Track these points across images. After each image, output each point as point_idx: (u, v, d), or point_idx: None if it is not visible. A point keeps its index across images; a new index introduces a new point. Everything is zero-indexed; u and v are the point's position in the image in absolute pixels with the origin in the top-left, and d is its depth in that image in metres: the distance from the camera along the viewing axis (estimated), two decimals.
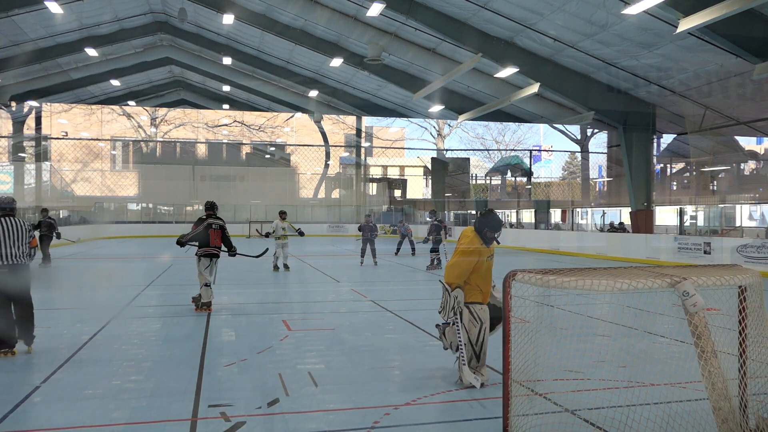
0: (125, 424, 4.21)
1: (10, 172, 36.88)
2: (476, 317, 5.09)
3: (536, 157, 49.97)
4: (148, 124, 48.93)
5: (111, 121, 47.36)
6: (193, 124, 49.17)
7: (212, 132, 50.14)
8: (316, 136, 45.17)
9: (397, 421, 4.32)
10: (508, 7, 18.10)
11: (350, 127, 45.14)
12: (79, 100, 37.61)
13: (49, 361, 5.93)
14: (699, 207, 29.14)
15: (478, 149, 55.52)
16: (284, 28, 24.77)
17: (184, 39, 29.06)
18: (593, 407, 4.38)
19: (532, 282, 3.57)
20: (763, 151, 39.51)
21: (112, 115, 46.82)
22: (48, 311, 7.82)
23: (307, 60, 28.82)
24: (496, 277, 7.73)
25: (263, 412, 4.49)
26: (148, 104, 42.35)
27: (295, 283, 13.52)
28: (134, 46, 29.77)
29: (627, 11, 15.19)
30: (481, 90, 26.22)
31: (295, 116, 46.05)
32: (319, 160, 45.06)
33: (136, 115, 47.60)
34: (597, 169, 42.61)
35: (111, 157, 45.79)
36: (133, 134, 48.33)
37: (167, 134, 49.30)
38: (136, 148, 46.39)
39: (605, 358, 5.26)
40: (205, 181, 41.38)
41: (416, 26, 20.67)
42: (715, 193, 32.32)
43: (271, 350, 6.43)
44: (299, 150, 46.50)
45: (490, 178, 48.46)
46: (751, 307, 3.67)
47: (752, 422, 3.60)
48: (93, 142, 44.58)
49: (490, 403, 4.66)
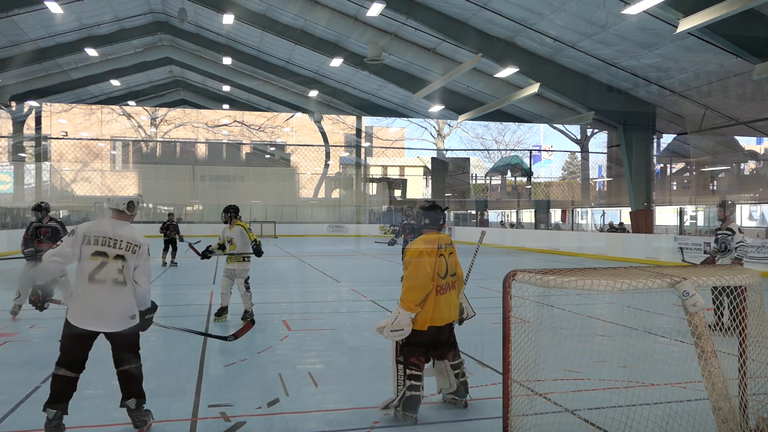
0: (125, 424, 4.21)
1: (10, 172, 36.90)
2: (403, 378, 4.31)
3: (536, 157, 49.97)
4: (148, 124, 48.92)
5: (111, 121, 47.34)
6: (193, 124, 49.17)
7: (212, 132, 50.13)
8: (316, 136, 45.17)
9: (397, 421, 4.32)
10: (508, 7, 18.10)
11: (350, 127, 45.14)
12: (79, 100, 37.60)
13: (49, 361, 5.92)
14: (699, 207, 29.14)
15: (478, 149, 55.55)
16: (284, 28, 24.77)
17: (184, 39, 29.06)
18: (593, 407, 4.37)
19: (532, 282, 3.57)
20: (763, 151, 39.50)
21: (112, 115, 46.81)
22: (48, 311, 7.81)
23: (307, 60, 28.81)
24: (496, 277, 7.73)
25: (263, 412, 4.49)
26: (148, 104, 42.35)
27: (295, 283, 13.52)
28: (134, 46, 29.77)
29: (627, 11, 15.18)
30: (481, 90, 26.22)
31: (295, 116, 46.05)
32: (319, 160, 45.06)
33: (136, 115, 47.59)
34: (597, 169, 42.62)
35: (111, 157, 45.78)
36: (133, 134, 48.32)
37: (167, 134, 49.29)
38: (136, 148, 46.39)
39: (605, 358, 5.26)
40: (205, 181, 41.39)
41: (416, 26, 20.66)
42: (715, 193, 32.32)
43: (271, 350, 6.42)
44: (299, 150, 46.50)
45: (490, 178, 48.46)
46: (751, 307, 3.68)
47: (752, 422, 3.60)
48: (93, 142, 44.58)
49: (490, 403, 4.66)
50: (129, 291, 3.94)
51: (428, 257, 4.32)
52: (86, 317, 3.84)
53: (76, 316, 3.85)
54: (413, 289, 4.21)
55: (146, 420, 4.06)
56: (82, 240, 3.91)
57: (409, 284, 4.23)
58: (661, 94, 22.92)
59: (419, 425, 4.25)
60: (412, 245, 4.47)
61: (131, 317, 3.96)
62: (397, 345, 4.32)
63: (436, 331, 4.34)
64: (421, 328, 4.26)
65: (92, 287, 3.86)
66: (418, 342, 4.30)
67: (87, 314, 3.84)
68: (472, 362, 6.03)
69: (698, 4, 14.34)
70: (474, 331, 7.68)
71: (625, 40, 18.70)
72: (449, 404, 4.65)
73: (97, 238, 3.92)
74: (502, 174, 46.26)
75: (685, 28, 14.82)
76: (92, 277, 3.86)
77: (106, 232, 3.95)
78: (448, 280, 4.39)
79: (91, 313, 3.84)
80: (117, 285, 3.89)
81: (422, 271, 4.24)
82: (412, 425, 4.24)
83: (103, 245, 3.90)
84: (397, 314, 4.20)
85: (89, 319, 3.84)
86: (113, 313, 3.88)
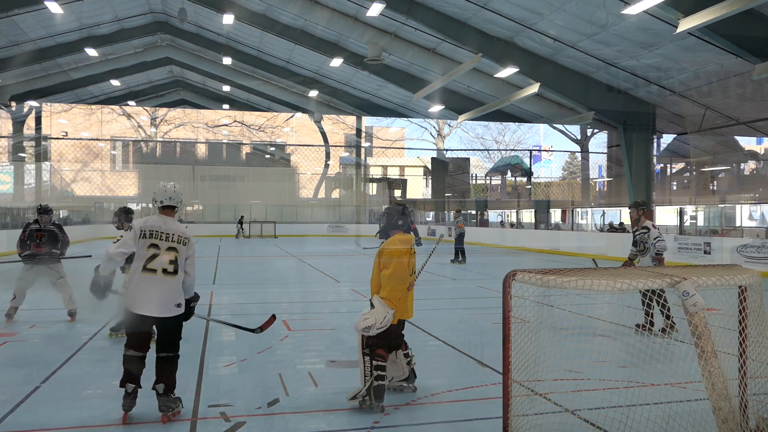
0: (126, 424, 4.21)
1: (10, 172, 36.90)
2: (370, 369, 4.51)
3: (536, 157, 49.96)
4: (148, 124, 48.92)
5: (111, 121, 47.34)
6: (193, 124, 49.17)
7: (212, 132, 50.14)
8: (316, 136, 45.17)
9: (397, 421, 4.32)
10: (508, 7, 18.10)
11: (350, 127, 45.14)
12: (79, 100, 37.61)
13: (49, 361, 5.93)
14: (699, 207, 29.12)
15: (478, 149, 55.57)
16: (284, 28, 24.77)
17: (184, 39, 29.06)
18: (593, 407, 4.37)
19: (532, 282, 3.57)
20: (763, 151, 39.51)
21: (112, 115, 46.81)
22: (48, 311, 7.81)
23: (307, 60, 28.82)
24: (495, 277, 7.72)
25: (263, 412, 4.49)
26: (148, 104, 42.36)
27: (295, 283, 13.52)
28: (134, 46, 29.77)
29: (627, 11, 15.19)
30: (481, 90, 26.23)
31: (295, 116, 46.05)
32: (319, 160, 45.06)
33: (136, 115, 47.59)
34: (597, 169, 42.61)
35: (111, 157, 45.78)
36: (133, 134, 48.32)
37: (167, 134, 49.29)
38: (136, 148, 46.39)
39: (605, 358, 5.26)
40: (205, 181, 41.38)
41: (416, 26, 20.67)
42: (715, 193, 32.33)
43: (271, 350, 6.42)
44: (299, 150, 46.51)
45: (490, 178, 48.47)
46: (751, 307, 3.67)
47: (752, 422, 3.60)
48: (93, 142, 44.58)
49: (490, 403, 4.66)
50: (177, 281, 4.34)
51: (405, 256, 4.67)
52: (139, 303, 4.24)
53: (132, 302, 4.26)
54: (397, 286, 4.54)
55: (171, 407, 4.32)
56: (139, 234, 4.31)
57: (394, 284, 4.53)
58: (661, 94, 22.92)
59: (419, 425, 4.25)
60: (389, 245, 4.74)
61: (177, 305, 4.33)
62: (363, 338, 4.55)
63: (400, 324, 4.74)
64: (393, 322, 4.60)
65: (144, 276, 4.26)
66: (387, 335, 4.57)
67: (140, 300, 4.24)
68: (472, 362, 6.04)
69: (698, 4, 14.34)
70: (474, 331, 7.69)
71: (625, 40, 18.71)
72: (450, 404, 4.66)
73: (151, 232, 4.33)
74: (502, 174, 46.27)
75: (685, 28, 14.82)
76: (145, 267, 4.27)
77: (159, 226, 4.37)
78: (413, 278, 4.81)
79: (144, 300, 4.23)
80: (167, 275, 4.28)
81: (403, 269, 4.60)
82: (412, 425, 4.24)
83: (156, 238, 4.31)
84: (385, 313, 4.48)
85: (142, 304, 4.24)
86: (162, 300, 4.26)
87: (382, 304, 4.50)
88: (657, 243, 7.50)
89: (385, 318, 4.47)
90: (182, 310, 4.38)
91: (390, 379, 4.92)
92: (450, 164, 45.21)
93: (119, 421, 4.27)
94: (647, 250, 7.63)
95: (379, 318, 4.46)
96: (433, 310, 9.72)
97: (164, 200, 4.46)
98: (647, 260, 7.69)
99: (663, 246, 7.53)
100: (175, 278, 4.31)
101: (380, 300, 4.52)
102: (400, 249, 4.70)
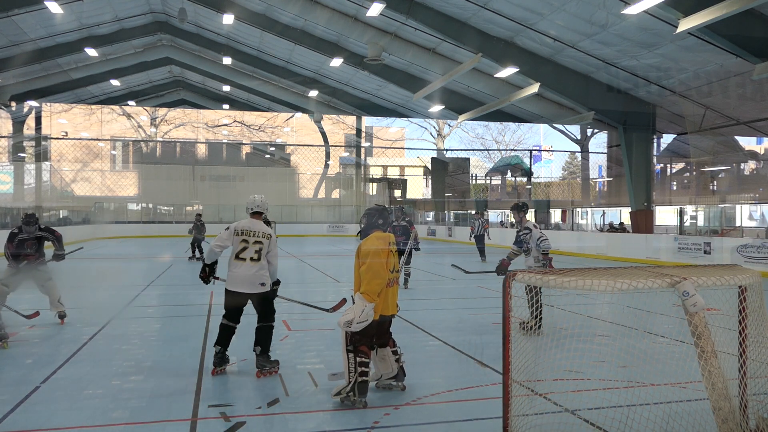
0: (125, 424, 4.22)
1: (10, 172, 36.87)
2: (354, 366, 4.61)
3: (536, 157, 49.94)
4: (148, 124, 48.90)
5: (111, 121, 47.32)
6: (193, 124, 49.15)
7: (212, 132, 50.12)
8: (316, 136, 45.16)
9: (397, 421, 4.32)
10: (508, 7, 18.09)
11: (350, 127, 45.13)
12: (79, 100, 37.57)
13: (49, 361, 5.93)
14: (699, 207, 29.13)
15: (478, 149, 55.55)
16: (284, 28, 24.75)
17: (184, 39, 29.05)
18: (593, 407, 4.37)
19: (532, 282, 3.57)
20: (763, 151, 39.49)
21: (112, 115, 46.80)
22: (48, 311, 7.82)
23: (307, 60, 28.81)
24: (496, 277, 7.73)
25: (263, 412, 4.49)
26: (148, 104, 42.33)
27: (295, 283, 13.51)
28: (134, 46, 29.76)
29: (627, 11, 15.18)
30: (481, 90, 26.21)
31: (295, 116, 46.03)
32: (319, 160, 45.05)
33: (136, 115, 47.56)
34: (597, 169, 42.61)
35: (111, 157, 45.77)
36: (133, 134, 48.30)
37: (167, 134, 49.28)
38: (136, 148, 46.37)
39: (605, 358, 5.26)
40: (205, 181, 41.36)
41: (416, 26, 20.66)
42: (715, 193, 32.32)
43: (271, 350, 6.41)
44: (299, 150, 46.50)
45: (490, 178, 48.46)
46: (751, 307, 3.67)
47: (752, 422, 3.60)
48: (93, 142, 44.57)
49: (490, 403, 4.65)
50: (260, 266, 5.53)
51: (383, 253, 4.79)
52: (234, 282, 5.49)
53: (230, 282, 5.51)
54: (374, 281, 4.61)
55: (266, 366, 5.44)
56: (234, 233, 5.55)
57: (370, 277, 4.62)
58: (661, 94, 22.91)
59: (419, 425, 4.25)
60: (367, 243, 4.85)
61: (261, 284, 5.52)
62: (346, 335, 4.63)
63: (383, 320, 4.79)
64: (375, 317, 4.65)
65: (237, 262, 5.50)
66: (368, 331, 4.64)
67: (234, 280, 5.49)
68: (471, 362, 6.03)
69: (698, 4, 14.33)
70: (474, 331, 7.69)
71: (625, 40, 18.70)
72: (449, 404, 4.65)
73: (243, 230, 5.58)
74: (502, 174, 46.25)
75: (685, 28, 14.82)
76: (237, 256, 5.50)
77: (249, 227, 5.61)
78: (394, 275, 4.88)
79: (237, 280, 5.48)
80: (252, 261, 5.50)
81: (381, 265, 4.70)
82: (412, 425, 4.24)
83: (246, 236, 5.56)
84: (363, 307, 4.55)
85: (235, 283, 5.49)
86: (249, 280, 5.47)
87: (361, 298, 4.60)
88: (541, 243, 7.65)
89: (364, 311, 4.53)
90: (267, 288, 5.54)
91: (379, 378, 4.97)
92: (450, 164, 45.20)
93: (119, 421, 4.27)
94: (530, 250, 7.79)
95: (357, 312, 4.53)
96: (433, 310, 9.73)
97: (253, 207, 5.70)
98: (531, 260, 7.84)
99: (548, 245, 7.68)
100: (258, 263, 5.50)
101: (359, 295, 4.62)
102: (377, 245, 4.81)
